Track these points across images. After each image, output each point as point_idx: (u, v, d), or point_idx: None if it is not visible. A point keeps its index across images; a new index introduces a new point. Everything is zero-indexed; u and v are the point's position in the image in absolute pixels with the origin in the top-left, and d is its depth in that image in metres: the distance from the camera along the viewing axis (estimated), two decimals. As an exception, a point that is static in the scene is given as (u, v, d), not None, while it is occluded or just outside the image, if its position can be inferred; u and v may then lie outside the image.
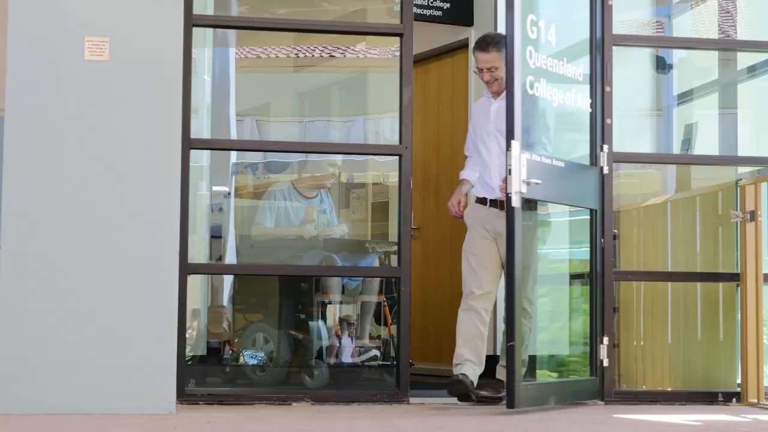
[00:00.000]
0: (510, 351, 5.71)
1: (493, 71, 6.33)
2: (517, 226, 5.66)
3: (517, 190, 5.68)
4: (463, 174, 6.52)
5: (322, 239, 7.39)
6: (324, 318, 7.23)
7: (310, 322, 7.22)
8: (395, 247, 6.80)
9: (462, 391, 6.11)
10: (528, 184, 5.70)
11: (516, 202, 5.67)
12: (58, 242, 5.59)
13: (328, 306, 7.17)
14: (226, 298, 7.53)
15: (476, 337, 6.17)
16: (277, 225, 7.33)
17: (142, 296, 5.61)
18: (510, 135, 5.71)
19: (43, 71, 5.65)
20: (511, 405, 5.61)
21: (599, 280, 6.25)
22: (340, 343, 7.06)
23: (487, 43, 6.37)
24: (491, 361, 6.45)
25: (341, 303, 7.23)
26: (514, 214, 5.66)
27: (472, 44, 8.64)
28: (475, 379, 6.16)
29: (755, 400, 6.18)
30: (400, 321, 6.23)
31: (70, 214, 5.60)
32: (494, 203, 6.29)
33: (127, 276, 5.61)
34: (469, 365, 6.13)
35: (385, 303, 7.28)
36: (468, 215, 6.41)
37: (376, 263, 7.37)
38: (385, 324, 7.27)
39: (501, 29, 8.31)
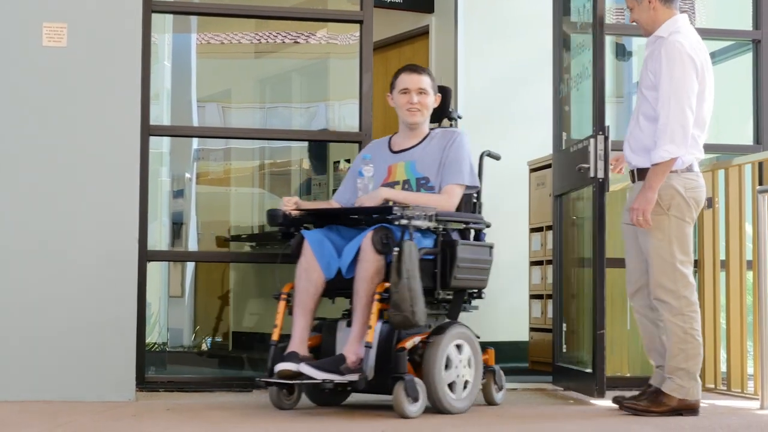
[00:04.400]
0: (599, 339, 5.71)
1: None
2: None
3: None
4: None
5: None
6: None
7: None
8: None
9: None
10: None
11: None
12: (16, 229, 5.56)
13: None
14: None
15: (655, 340, 5.42)
16: None
17: (102, 283, 5.59)
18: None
19: None
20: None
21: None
22: None
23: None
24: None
25: None
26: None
27: (432, 31, 8.69)
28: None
29: (712, 386, 6.25)
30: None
31: (27, 201, 5.58)
32: (631, 174, 5.49)
33: (86, 263, 5.59)
34: (657, 372, 5.43)
35: None
36: None
37: None
38: None
39: (461, 16, 8.38)
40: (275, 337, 5.22)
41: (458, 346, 5.25)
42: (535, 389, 6.34)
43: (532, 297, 7.82)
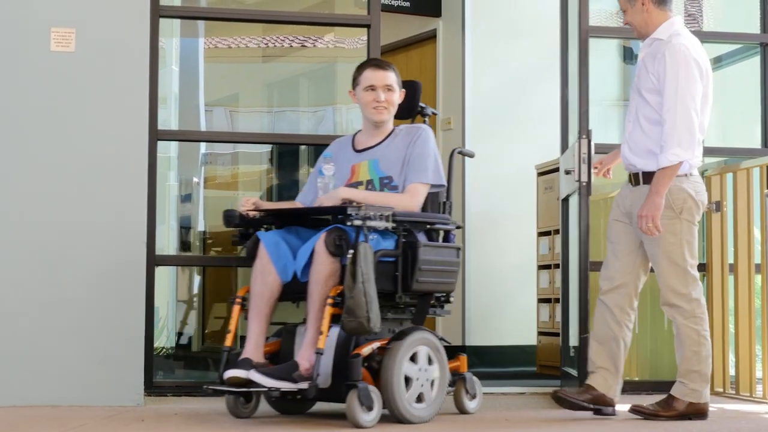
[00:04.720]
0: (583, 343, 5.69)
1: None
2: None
3: None
4: None
5: None
6: None
7: None
8: None
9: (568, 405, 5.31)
10: None
11: None
12: (24, 234, 5.56)
13: None
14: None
15: (610, 342, 5.30)
16: None
17: (110, 288, 5.59)
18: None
19: (8, 62, 5.62)
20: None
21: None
22: None
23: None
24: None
25: None
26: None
27: (440, 35, 8.69)
28: (609, 391, 5.30)
29: (721, 389, 6.24)
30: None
31: (35, 206, 5.58)
32: (634, 176, 5.35)
33: (94, 268, 5.59)
34: (600, 374, 5.34)
35: None
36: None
37: None
38: None
39: (468, 19, 8.39)
40: (228, 342, 5.04)
41: (420, 353, 4.98)
42: (542, 393, 6.33)
43: (540, 301, 7.82)
